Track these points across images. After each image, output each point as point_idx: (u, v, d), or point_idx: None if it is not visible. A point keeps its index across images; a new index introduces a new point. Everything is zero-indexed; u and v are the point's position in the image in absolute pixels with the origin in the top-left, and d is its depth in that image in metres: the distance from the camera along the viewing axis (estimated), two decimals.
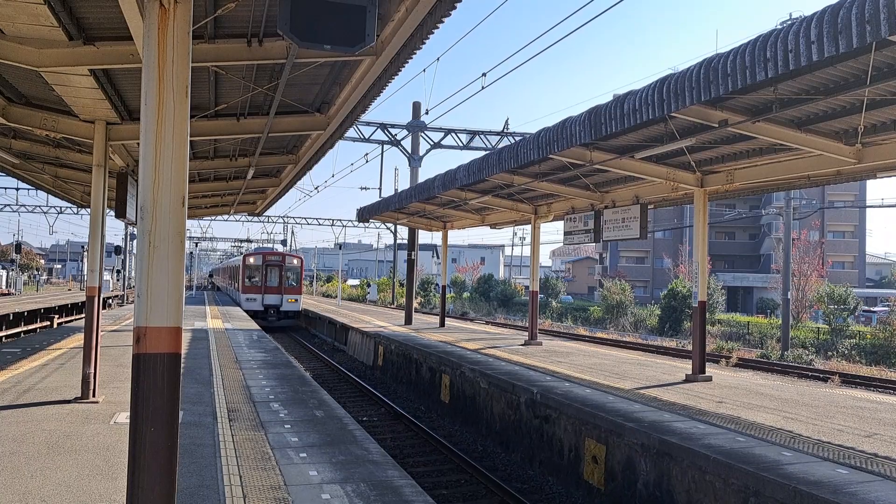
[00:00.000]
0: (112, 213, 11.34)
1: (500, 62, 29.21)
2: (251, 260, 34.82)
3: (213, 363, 13.18)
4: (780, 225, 36.24)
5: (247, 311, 31.13)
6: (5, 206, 49.07)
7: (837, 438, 8.04)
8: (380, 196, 42.09)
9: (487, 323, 35.28)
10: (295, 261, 35.45)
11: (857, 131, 8.96)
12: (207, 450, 6.94)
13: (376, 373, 20.72)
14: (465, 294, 60.80)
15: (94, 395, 9.13)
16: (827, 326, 33.94)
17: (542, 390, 10.91)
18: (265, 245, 72.72)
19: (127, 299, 40.25)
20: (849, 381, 17.35)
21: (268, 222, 58.68)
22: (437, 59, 21.22)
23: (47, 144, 11.82)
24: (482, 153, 20.56)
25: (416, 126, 29.00)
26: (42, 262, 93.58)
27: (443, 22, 6.09)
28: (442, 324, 25.38)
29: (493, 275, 66.86)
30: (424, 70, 23.91)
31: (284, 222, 63.95)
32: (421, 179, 23.93)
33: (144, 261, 3.71)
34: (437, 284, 54.15)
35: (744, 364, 20.54)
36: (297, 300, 34.49)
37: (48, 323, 27.71)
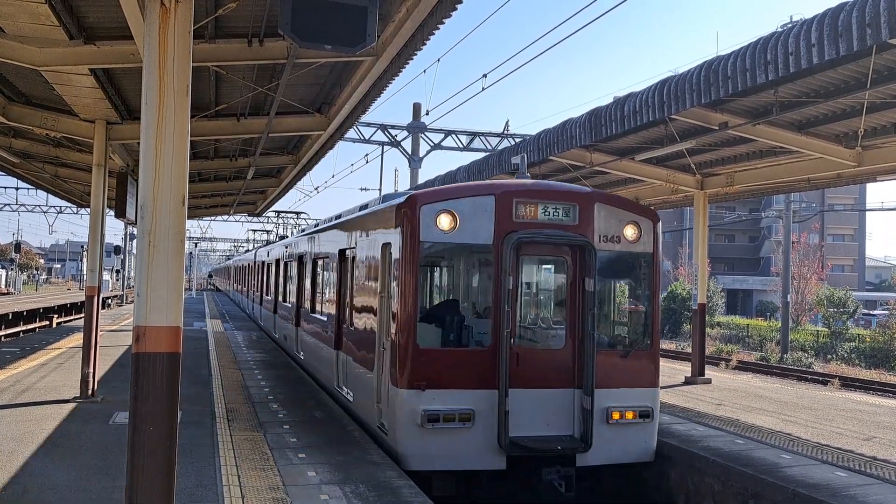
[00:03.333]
0: (112, 212, 11.36)
1: (500, 63, 29.11)
2: (444, 222, 6.80)
3: (213, 363, 13.16)
4: (780, 228, 36.22)
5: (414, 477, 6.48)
6: (5, 205, 48.66)
7: (836, 441, 8.04)
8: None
9: None
10: (629, 231, 7.23)
11: (858, 134, 8.96)
12: (206, 449, 6.93)
13: None
14: None
15: (93, 395, 9.13)
16: (826, 330, 33.92)
17: None
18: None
19: (126, 299, 40.19)
20: (848, 384, 17.33)
21: (267, 223, 58.62)
22: (438, 59, 21.17)
23: (47, 144, 11.81)
24: (482, 154, 20.59)
25: (416, 127, 28.95)
26: (41, 261, 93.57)
27: (443, 23, 6.09)
28: None
29: None
30: (425, 71, 23.96)
31: (284, 222, 63.78)
32: (421, 181, 23.92)
33: (144, 260, 3.71)
34: None
35: (743, 367, 20.51)
36: (649, 414, 7.15)
37: (47, 322, 27.69)
